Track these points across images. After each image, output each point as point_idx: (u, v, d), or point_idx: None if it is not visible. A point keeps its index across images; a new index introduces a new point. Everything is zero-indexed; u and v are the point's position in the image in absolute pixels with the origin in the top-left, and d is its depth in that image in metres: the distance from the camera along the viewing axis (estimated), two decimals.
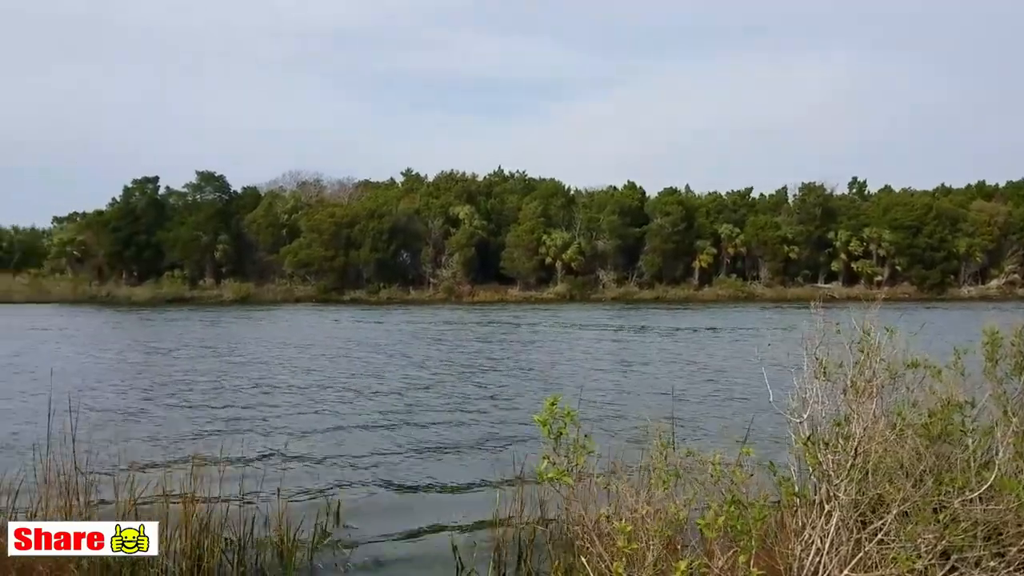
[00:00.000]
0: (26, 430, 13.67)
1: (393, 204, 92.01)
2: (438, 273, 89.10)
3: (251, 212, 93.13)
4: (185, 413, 16.52)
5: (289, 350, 30.73)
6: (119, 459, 9.68)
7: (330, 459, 12.46)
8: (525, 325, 45.91)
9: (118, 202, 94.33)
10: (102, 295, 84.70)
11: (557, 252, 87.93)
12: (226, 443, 12.80)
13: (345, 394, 19.15)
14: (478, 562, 7.80)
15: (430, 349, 31.05)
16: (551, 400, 4.77)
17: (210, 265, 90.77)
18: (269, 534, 7.83)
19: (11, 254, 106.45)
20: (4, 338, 37.29)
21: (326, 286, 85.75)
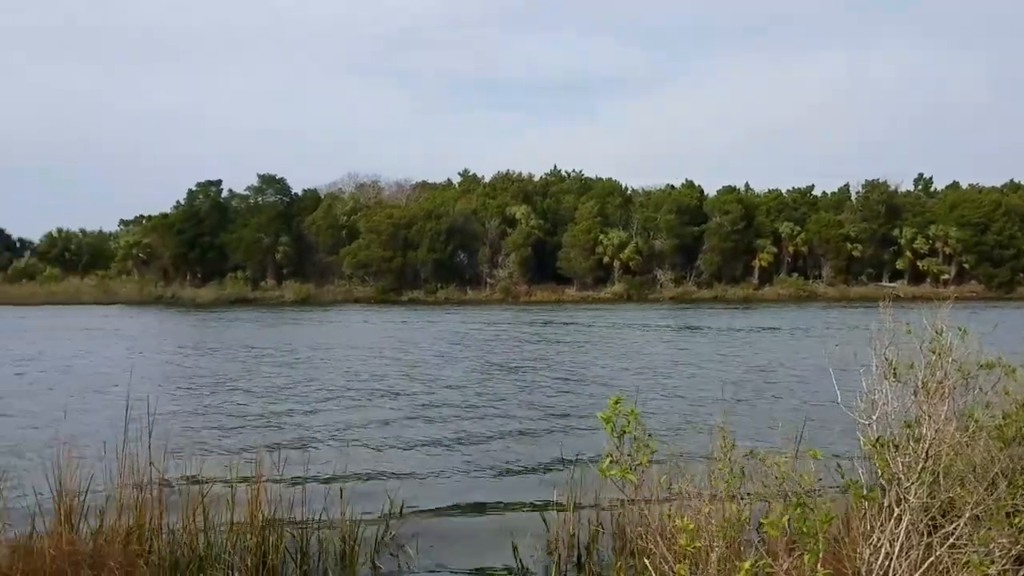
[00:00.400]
0: (101, 427, 14.07)
1: (450, 205, 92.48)
2: (495, 273, 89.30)
3: (311, 214, 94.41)
4: (249, 413, 16.81)
5: (348, 350, 31.07)
6: (187, 457, 9.88)
7: (391, 459, 12.56)
8: (582, 325, 45.78)
9: (182, 205, 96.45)
10: (167, 296, 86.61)
11: (614, 252, 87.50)
12: (289, 442, 13.02)
13: (403, 394, 19.30)
14: (538, 562, 7.78)
15: (486, 349, 31.14)
16: (614, 399, 4.75)
17: (272, 266, 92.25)
18: (331, 533, 7.90)
19: (79, 256, 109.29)
20: (74, 338, 38.35)
21: (384, 287, 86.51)
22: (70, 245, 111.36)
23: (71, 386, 20.84)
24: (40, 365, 26.22)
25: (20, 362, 27.14)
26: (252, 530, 7.07)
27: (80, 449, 11.36)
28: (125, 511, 6.84)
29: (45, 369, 25.09)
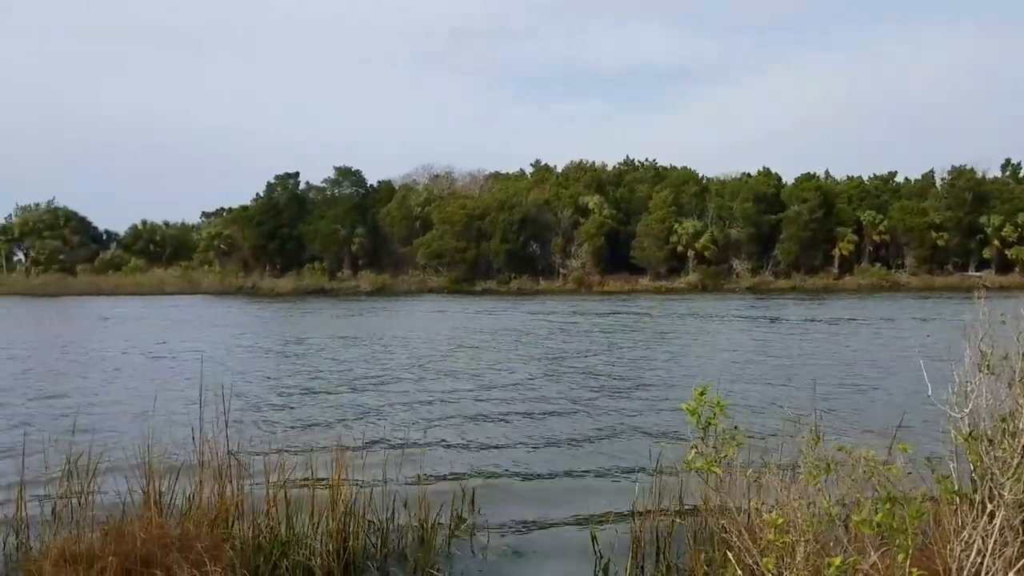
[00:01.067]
0: (188, 415, 14.48)
1: (523, 195, 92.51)
2: (567, 263, 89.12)
3: (386, 205, 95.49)
4: (327, 400, 17.09)
5: (422, 340, 31.36)
6: (268, 444, 10.09)
7: (465, 446, 12.62)
8: (656, 315, 45.37)
9: (262, 197, 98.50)
10: (247, 286, 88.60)
11: (689, 241, 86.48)
12: (367, 430, 13.20)
13: (477, 383, 19.38)
14: (616, 554, 7.71)
15: (559, 339, 31.09)
16: (699, 389, 4.66)
17: (348, 257, 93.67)
18: (409, 518, 7.97)
19: (163, 248, 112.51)
20: (159, 327, 39.53)
21: (458, 277, 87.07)
22: (154, 237, 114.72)
23: (156, 374, 21.47)
24: (128, 353, 27.08)
25: (110, 350, 28.08)
26: (332, 515, 7.16)
27: (166, 435, 11.73)
28: (209, 496, 7.00)
29: (131, 357, 25.90)
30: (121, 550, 5.73)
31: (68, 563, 5.62)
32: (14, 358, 25.90)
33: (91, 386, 19.40)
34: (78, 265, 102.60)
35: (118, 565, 5.64)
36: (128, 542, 5.81)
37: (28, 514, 7.84)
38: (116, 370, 22.53)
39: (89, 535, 6.20)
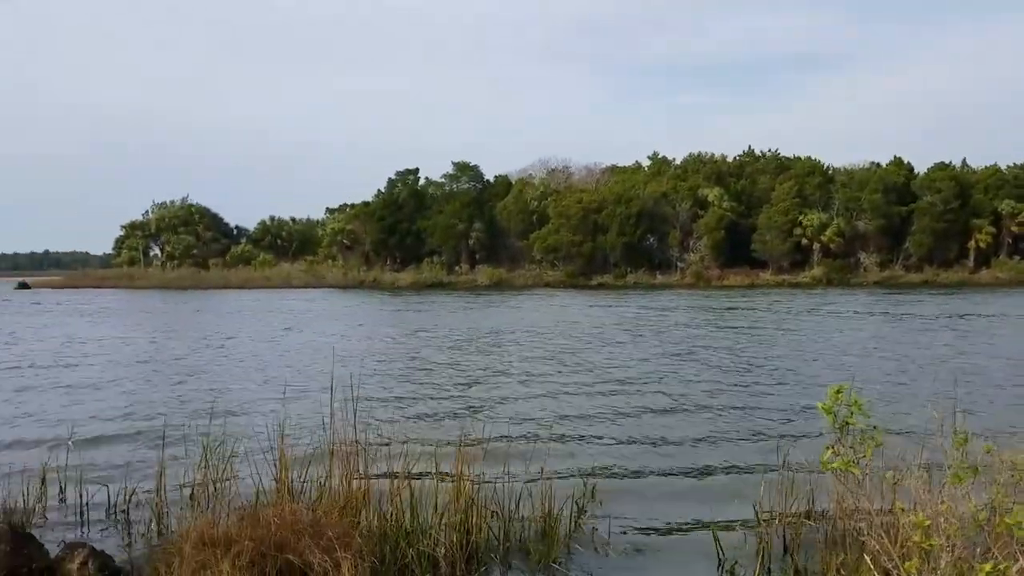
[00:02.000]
0: (311, 404, 14.95)
1: (640, 188, 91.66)
2: (685, 257, 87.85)
3: (503, 199, 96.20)
4: (447, 391, 17.30)
5: (539, 334, 31.43)
6: (392, 434, 10.28)
7: (585, 441, 12.55)
8: (779, 310, 44.19)
9: (383, 193, 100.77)
10: (369, 280, 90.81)
11: (814, 233, 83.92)
12: (487, 422, 13.26)
13: (595, 378, 19.28)
14: (740, 555, 7.51)
15: (677, 334, 30.63)
16: (835, 388, 4.47)
17: (465, 251, 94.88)
18: (531, 512, 7.96)
19: (290, 243, 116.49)
20: (286, 320, 40.93)
21: (574, 271, 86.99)
22: (281, 232, 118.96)
23: (286, 365, 22.21)
24: (258, 344, 28.13)
25: (241, 341, 29.23)
26: (456, 506, 7.23)
27: (296, 423, 12.12)
28: (339, 484, 7.16)
29: (262, 347, 26.89)
30: (256, 535, 5.91)
31: (207, 546, 5.84)
32: (153, 348, 27.26)
33: (224, 375, 20.23)
34: (210, 259, 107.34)
35: (254, 549, 5.83)
36: (263, 527, 6.00)
37: (168, 498, 8.21)
38: (248, 360, 23.43)
39: (225, 519, 6.43)
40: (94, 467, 10.29)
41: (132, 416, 14.53)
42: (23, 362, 23.11)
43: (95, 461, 10.86)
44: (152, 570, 6.18)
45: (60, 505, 8.91)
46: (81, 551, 6.32)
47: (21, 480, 8.77)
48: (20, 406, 15.67)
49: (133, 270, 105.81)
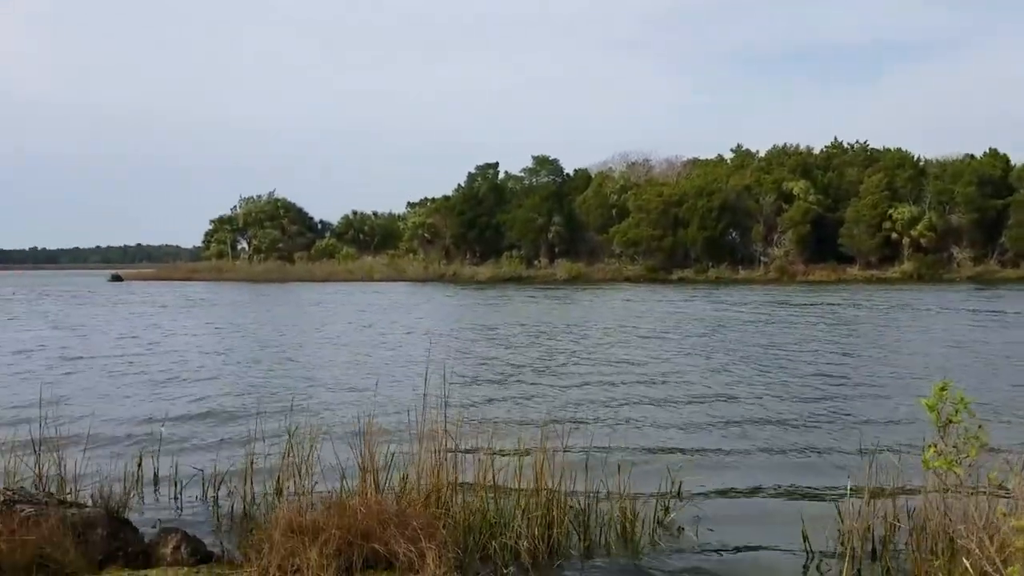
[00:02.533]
0: (396, 393, 15.18)
1: (722, 181, 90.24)
2: (769, 252, 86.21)
3: (582, 193, 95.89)
4: (528, 384, 17.32)
5: (620, 328, 31.25)
6: (475, 426, 10.28)
7: (669, 437, 12.41)
8: (867, 306, 43.01)
9: (463, 187, 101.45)
10: (449, 274, 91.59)
11: (904, 227, 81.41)
12: (569, 416, 13.22)
13: (677, 373, 19.05)
14: (829, 555, 7.31)
15: (761, 330, 30.07)
16: (940, 385, 4.29)
17: (544, 245, 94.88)
18: (612, 507, 7.88)
19: (372, 237, 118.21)
20: (370, 311, 41.58)
21: (654, 265, 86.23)
22: (364, 226, 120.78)
23: (371, 355, 22.57)
24: (344, 335, 28.63)
25: (327, 332, 29.81)
26: (537, 500, 7.20)
27: (381, 413, 12.26)
28: (423, 476, 7.21)
29: (348, 338, 27.35)
30: (343, 523, 5.99)
31: (295, 533, 5.93)
32: (240, 338, 27.98)
33: (310, 365, 20.65)
34: (295, 253, 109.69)
35: (340, 537, 5.90)
36: (349, 516, 6.07)
37: (255, 485, 8.38)
38: (333, 351, 23.89)
39: (313, 508, 6.53)
40: (185, 454, 10.59)
41: (221, 404, 14.92)
42: (116, 351, 23.97)
43: (185, 448, 11.18)
44: (242, 555, 6.31)
45: (153, 491, 9.17)
46: (174, 536, 6.49)
47: (116, 466, 9.07)
48: (113, 394, 16.23)
49: (221, 263, 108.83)
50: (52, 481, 8.06)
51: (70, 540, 5.99)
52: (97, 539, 6.21)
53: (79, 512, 6.48)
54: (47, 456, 8.29)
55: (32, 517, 6.11)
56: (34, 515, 6.15)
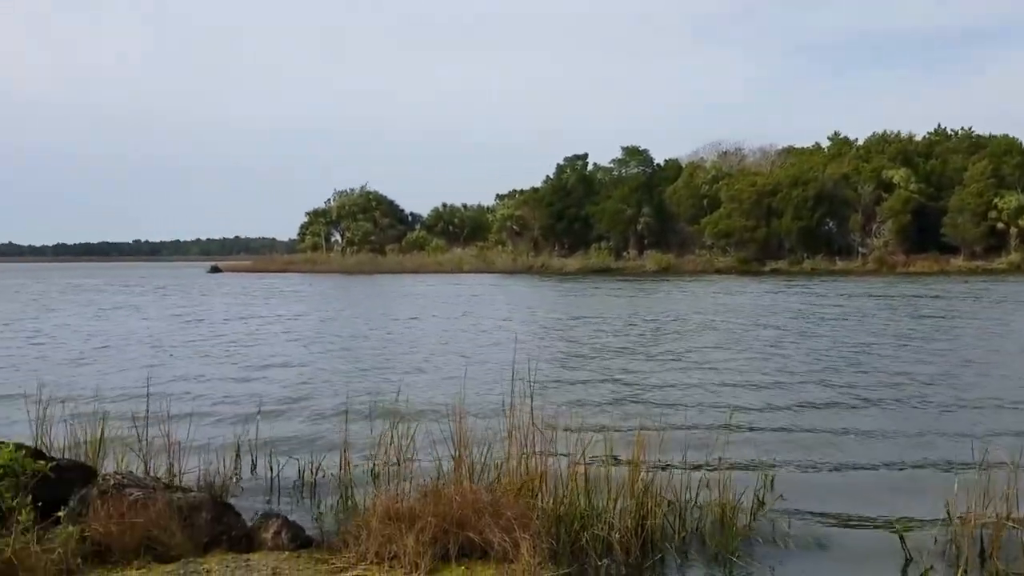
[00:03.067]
0: (488, 383, 15.30)
1: (818, 170, 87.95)
2: (868, 242, 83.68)
3: (672, 184, 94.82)
4: (619, 375, 17.20)
5: (711, 320, 30.80)
6: (568, 418, 10.26)
7: (764, 430, 12.16)
8: (973, 298, 41.35)
9: (551, 179, 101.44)
10: (537, 265, 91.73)
11: (1011, 217, 77.99)
12: (662, 407, 13.09)
13: (773, 366, 18.66)
14: (929, 558, 7.03)
15: (861, 323, 29.22)
16: None
17: (633, 237, 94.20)
18: (708, 501, 7.76)
19: (462, 229, 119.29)
20: (460, 303, 41.95)
21: (746, 257, 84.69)
22: (453, 219, 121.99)
23: (463, 345, 22.77)
24: (435, 325, 28.96)
25: (419, 322, 30.20)
26: (631, 492, 7.14)
27: (473, 403, 12.36)
28: (516, 466, 7.22)
29: (439, 328, 27.65)
30: (439, 511, 6.05)
31: (392, 520, 6.02)
32: (335, 327, 28.56)
33: (403, 355, 20.95)
34: (386, 245, 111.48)
35: (436, 525, 5.97)
36: (444, 504, 6.13)
37: (352, 472, 8.54)
38: (425, 341, 24.19)
39: (408, 496, 6.61)
40: (282, 441, 10.85)
41: (317, 392, 15.25)
42: (214, 340, 24.76)
43: (283, 435, 11.45)
44: (341, 541, 6.43)
45: (253, 477, 9.42)
46: (275, 521, 6.65)
47: (218, 452, 9.36)
48: (214, 381, 16.75)
49: (315, 255, 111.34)
50: (158, 466, 8.37)
51: (176, 523, 6.19)
52: (202, 523, 6.41)
53: (184, 496, 6.69)
54: (153, 442, 8.61)
55: (140, 500, 6.33)
56: (142, 499, 6.38)
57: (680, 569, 6.82)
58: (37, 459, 6.54)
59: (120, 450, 8.66)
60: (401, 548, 5.84)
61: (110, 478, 6.84)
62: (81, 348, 22.66)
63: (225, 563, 5.99)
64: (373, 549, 5.95)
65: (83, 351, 21.91)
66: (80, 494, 6.51)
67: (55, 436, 8.62)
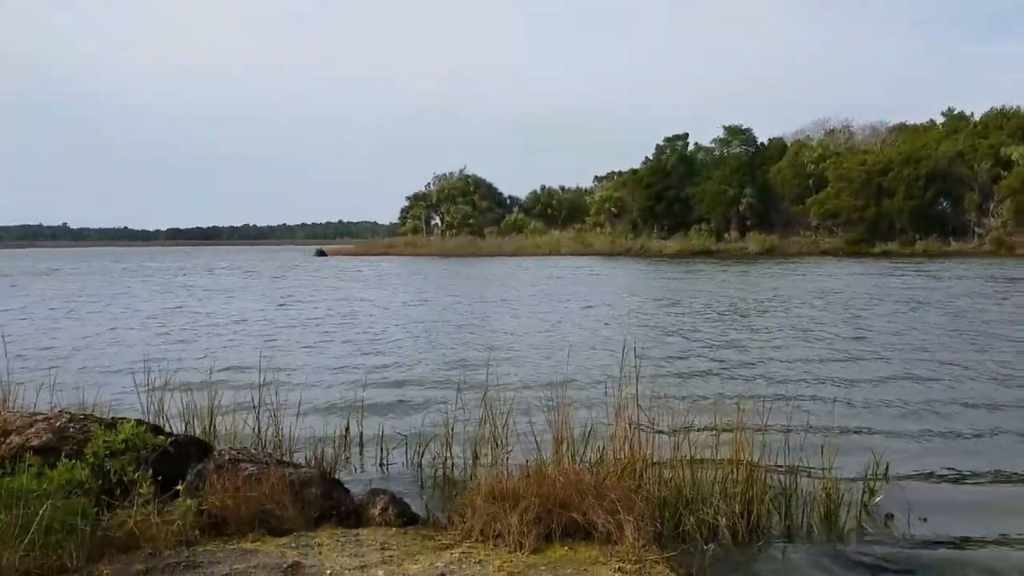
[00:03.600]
0: (591, 363, 15.29)
1: (932, 147, 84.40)
2: (984, 223, 79.94)
3: (776, 163, 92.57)
4: (725, 360, 16.92)
5: (816, 302, 30.00)
6: (672, 401, 10.18)
7: (877, 418, 11.79)
8: None
9: (651, 160, 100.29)
10: (636, 248, 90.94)
11: None
12: (767, 391, 12.82)
13: (881, 351, 18.07)
14: None
15: (976, 307, 27.97)
16: None
17: (735, 218, 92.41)
18: (816, 488, 7.57)
19: (559, 212, 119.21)
20: (562, 285, 41.98)
21: (854, 238, 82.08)
22: (551, 201, 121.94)
23: (563, 327, 22.78)
24: (539, 307, 29.05)
25: (520, 303, 30.35)
26: (736, 477, 7.03)
27: (574, 382, 12.37)
28: (619, 449, 7.19)
29: (540, 310, 27.73)
30: (542, 491, 6.08)
31: (496, 499, 6.08)
32: (437, 309, 28.95)
33: (502, 335, 21.10)
34: (485, 228, 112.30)
35: (540, 505, 6.00)
36: (548, 485, 6.15)
37: (454, 452, 8.64)
38: (524, 321, 24.30)
39: (510, 476, 6.66)
40: (388, 419, 11.05)
41: (420, 372, 15.53)
42: (322, 320, 25.40)
43: (389, 414, 11.67)
44: (446, 519, 6.52)
45: (359, 454, 9.64)
46: (383, 497, 6.79)
47: (326, 430, 9.61)
48: (321, 360, 17.20)
49: (416, 238, 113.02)
50: (270, 442, 8.64)
51: (288, 498, 6.38)
52: (312, 498, 6.59)
53: (296, 472, 6.89)
54: (265, 419, 8.90)
55: (254, 475, 6.55)
56: (256, 473, 6.60)
57: (786, 555, 6.68)
58: (156, 435, 6.83)
59: (232, 426, 8.98)
60: (505, 527, 5.88)
61: (225, 453, 7.10)
62: (194, 327, 23.59)
63: (336, 537, 6.15)
64: (478, 527, 6.02)
65: (195, 330, 22.81)
66: (197, 469, 6.77)
67: (170, 412, 8.99)
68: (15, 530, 5.23)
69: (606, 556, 5.76)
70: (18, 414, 7.35)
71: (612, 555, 5.75)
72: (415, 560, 5.69)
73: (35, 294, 39.00)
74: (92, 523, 5.76)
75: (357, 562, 5.63)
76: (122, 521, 5.90)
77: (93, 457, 6.39)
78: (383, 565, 5.58)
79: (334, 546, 5.95)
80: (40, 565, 5.28)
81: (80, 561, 5.47)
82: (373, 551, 5.83)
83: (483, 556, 5.75)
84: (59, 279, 54.00)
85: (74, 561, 5.45)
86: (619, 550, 5.76)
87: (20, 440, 6.77)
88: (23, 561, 5.16)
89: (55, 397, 9.72)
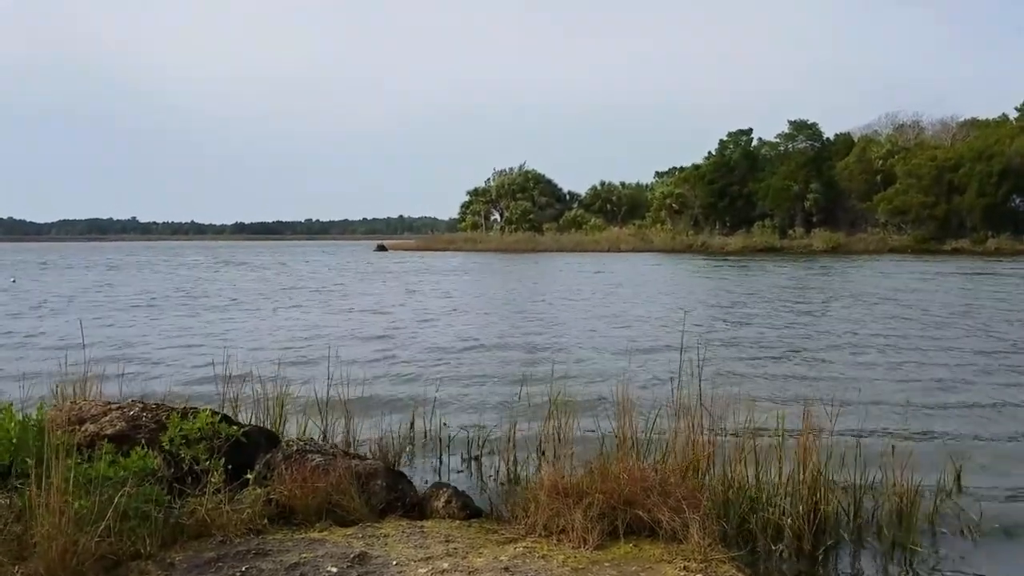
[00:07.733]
0: (655, 360, 15.22)
1: (1005, 143, 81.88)
2: None
3: (843, 159, 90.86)
4: (787, 357, 16.67)
5: (886, 301, 29.38)
6: (736, 397, 10.04)
7: (950, 415, 11.53)
8: None
9: (713, 155, 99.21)
10: (697, 244, 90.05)
11: None
12: (835, 390, 12.58)
13: (956, 354, 17.58)
14: None
15: None
16: None
17: (800, 214, 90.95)
18: (886, 486, 7.41)
19: (619, 208, 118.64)
20: (621, 281, 41.79)
21: (924, 235, 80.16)
22: (611, 197, 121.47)
23: (625, 324, 22.69)
24: (600, 303, 28.99)
25: (583, 298, 30.31)
26: (802, 476, 6.91)
27: (639, 380, 12.31)
28: (684, 445, 7.13)
29: (601, 306, 27.66)
30: (606, 488, 6.06)
31: (559, 495, 6.08)
32: (500, 304, 29.04)
33: (565, 331, 21.05)
34: (544, 224, 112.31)
35: (604, 502, 5.98)
36: (612, 481, 6.13)
37: (516, 448, 8.67)
38: (587, 318, 24.24)
39: (574, 471, 6.66)
40: (451, 414, 11.13)
41: (483, 367, 15.57)
42: (386, 316, 25.65)
43: (452, 408, 11.75)
44: (509, 513, 6.55)
45: (423, 448, 9.73)
46: (446, 490, 6.85)
47: (391, 423, 9.72)
48: (385, 354, 17.37)
49: (476, 234, 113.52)
50: (335, 433, 8.78)
51: (354, 489, 6.47)
52: (378, 489, 6.68)
53: (361, 463, 6.99)
54: (331, 410, 9.04)
55: (322, 466, 6.66)
56: (323, 464, 6.71)
57: (855, 557, 6.57)
58: (229, 425, 6.99)
59: (300, 417, 9.14)
60: (569, 523, 5.88)
61: (293, 444, 7.23)
62: (259, 321, 24.02)
63: (401, 528, 6.22)
64: (541, 522, 6.03)
65: (261, 324, 23.23)
66: (266, 459, 6.91)
67: (240, 403, 9.18)
68: (92, 516, 5.39)
69: (671, 554, 5.72)
70: (93, 403, 7.58)
71: (677, 553, 5.71)
72: (479, 553, 5.72)
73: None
74: (165, 510, 5.92)
75: (422, 554, 5.68)
76: (193, 509, 6.05)
77: (169, 444, 6.57)
78: (448, 557, 5.63)
79: (399, 537, 6.01)
80: (116, 550, 5.43)
81: (153, 547, 5.62)
82: (437, 543, 5.89)
83: (547, 551, 5.76)
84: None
85: (148, 547, 5.59)
86: (684, 548, 5.72)
87: (95, 428, 6.98)
88: (99, 546, 5.30)
89: (126, 387, 9.99)
